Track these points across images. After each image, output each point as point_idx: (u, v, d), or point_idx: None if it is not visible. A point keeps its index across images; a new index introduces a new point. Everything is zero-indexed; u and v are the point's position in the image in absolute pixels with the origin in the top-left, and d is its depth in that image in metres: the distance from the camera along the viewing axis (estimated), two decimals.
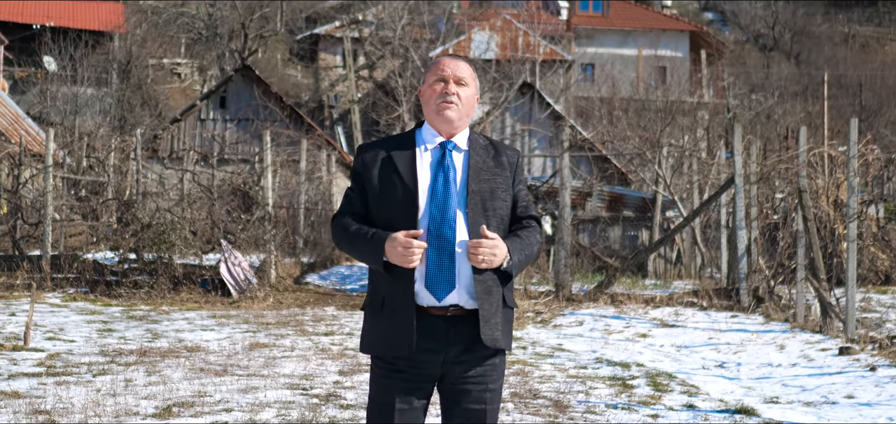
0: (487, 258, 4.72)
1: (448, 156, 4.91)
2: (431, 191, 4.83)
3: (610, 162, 29.42)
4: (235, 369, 11.18)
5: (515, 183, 5.03)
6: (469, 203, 4.83)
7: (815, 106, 49.50)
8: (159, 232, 18.95)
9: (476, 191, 4.86)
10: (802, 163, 16.85)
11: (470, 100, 5.01)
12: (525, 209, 5.06)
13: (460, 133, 4.99)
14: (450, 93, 4.92)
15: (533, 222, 5.07)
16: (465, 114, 4.98)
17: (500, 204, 4.92)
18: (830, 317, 15.67)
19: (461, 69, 4.99)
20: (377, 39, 40.67)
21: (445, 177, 4.85)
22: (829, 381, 11.76)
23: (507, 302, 4.93)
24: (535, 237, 5.02)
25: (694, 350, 14.23)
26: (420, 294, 4.79)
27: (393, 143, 5.00)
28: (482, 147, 5.02)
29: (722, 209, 22.04)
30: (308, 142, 27.49)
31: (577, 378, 11.44)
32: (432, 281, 4.76)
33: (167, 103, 48.80)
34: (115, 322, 14.99)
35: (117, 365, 11.15)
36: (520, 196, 5.04)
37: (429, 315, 4.79)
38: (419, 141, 4.98)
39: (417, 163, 4.89)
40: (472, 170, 4.89)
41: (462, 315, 4.81)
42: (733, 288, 18.77)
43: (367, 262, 4.89)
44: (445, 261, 4.77)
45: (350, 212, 4.99)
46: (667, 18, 61.64)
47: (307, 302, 18.46)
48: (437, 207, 4.80)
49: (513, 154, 5.09)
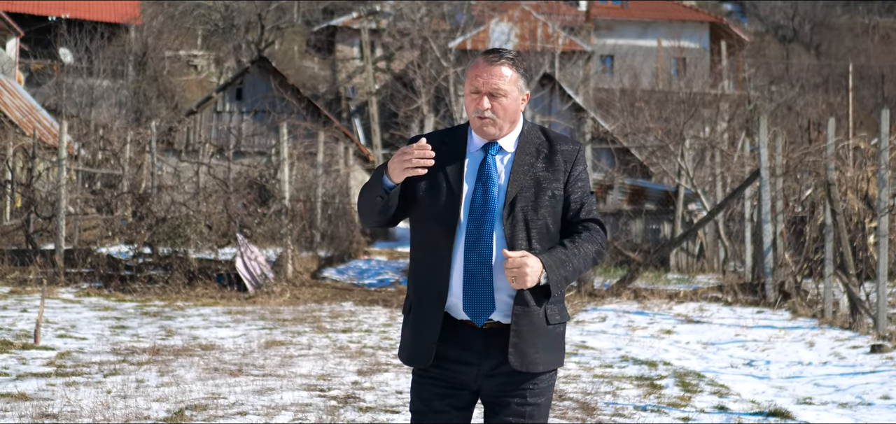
0: (517, 278, 4.28)
1: (490, 162, 4.48)
2: (470, 203, 4.42)
3: (631, 154, 29.04)
4: (251, 369, 10.84)
5: (570, 182, 4.52)
6: (507, 216, 4.41)
7: (836, 97, 49.05)
8: (174, 226, 18.65)
9: (516, 201, 4.42)
10: (831, 156, 16.47)
11: (511, 106, 4.50)
12: (578, 212, 4.54)
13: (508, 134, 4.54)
14: (483, 109, 4.45)
15: (592, 225, 4.55)
16: (506, 122, 4.50)
17: (545, 211, 4.45)
18: (860, 314, 15.30)
19: (496, 78, 4.47)
20: (395, 30, 40.32)
21: (485, 189, 4.43)
22: (863, 381, 11.39)
23: (550, 319, 4.48)
24: (589, 243, 4.51)
25: (721, 347, 13.86)
26: (455, 308, 4.43)
27: (445, 139, 4.56)
28: (534, 145, 4.53)
29: (746, 202, 21.68)
30: (325, 134, 27.17)
31: (604, 379, 11.09)
32: (470, 305, 4.40)
33: (183, 95, 48.62)
34: (129, 318, 14.69)
35: (129, 365, 10.83)
36: (573, 197, 4.53)
37: (463, 325, 4.45)
38: (469, 141, 4.55)
39: (465, 169, 4.48)
40: (513, 178, 4.44)
41: (499, 328, 4.43)
42: (759, 283, 18.43)
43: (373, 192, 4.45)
44: (483, 283, 4.39)
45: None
46: (687, 9, 61.18)
47: (324, 298, 18.14)
48: (473, 223, 4.41)
49: (570, 149, 4.57)
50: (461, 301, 4.40)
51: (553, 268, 4.37)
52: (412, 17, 35.22)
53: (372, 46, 46.16)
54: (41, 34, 49.56)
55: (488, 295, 4.39)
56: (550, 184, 4.48)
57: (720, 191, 25.28)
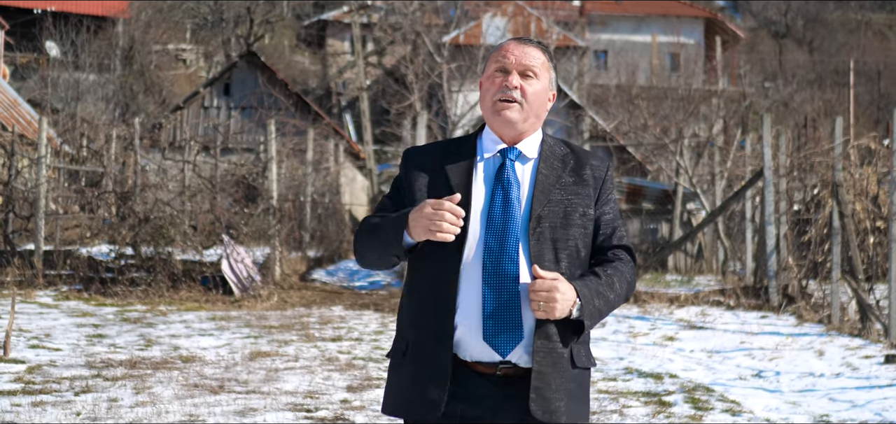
0: (545, 305, 3.57)
1: (509, 167, 3.76)
2: (487, 214, 3.69)
3: (629, 152, 28.51)
4: (233, 384, 10.18)
5: (599, 202, 3.84)
6: (532, 231, 3.68)
7: (832, 93, 48.69)
8: (158, 227, 17.97)
9: (543, 215, 3.71)
10: (839, 156, 15.91)
11: (540, 97, 3.81)
12: (610, 237, 3.87)
13: (529, 137, 3.83)
14: (510, 86, 3.75)
15: (623, 254, 3.88)
16: (532, 115, 3.80)
17: (576, 232, 3.76)
18: (870, 320, 14.75)
19: (530, 56, 3.80)
20: (387, 25, 39.69)
21: (505, 197, 3.70)
22: (881, 395, 10.80)
23: (577, 361, 3.76)
24: (623, 274, 3.83)
25: (727, 355, 13.28)
26: (463, 343, 3.66)
27: (447, 150, 3.86)
28: (558, 156, 3.84)
29: (747, 201, 21.17)
30: (315, 131, 26.54)
31: (609, 394, 10.47)
32: (492, 330, 3.62)
33: (171, 90, 47.99)
34: (108, 325, 14.01)
35: (103, 380, 10.15)
36: (603, 220, 3.86)
37: (473, 372, 3.67)
38: (479, 149, 3.83)
39: (473, 178, 3.76)
40: (539, 187, 3.73)
41: (516, 375, 3.68)
42: (761, 287, 17.90)
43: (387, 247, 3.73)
44: (509, 306, 3.63)
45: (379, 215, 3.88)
46: (681, 4, 60.72)
47: (313, 302, 17.51)
48: (494, 236, 3.66)
49: (600, 166, 3.89)
50: (476, 331, 3.64)
51: (588, 299, 3.67)
52: (404, 12, 34.59)
53: (363, 41, 45.53)
54: (26, 27, 48.84)
55: (516, 320, 3.64)
56: (582, 202, 3.80)
57: (719, 190, 24.80)
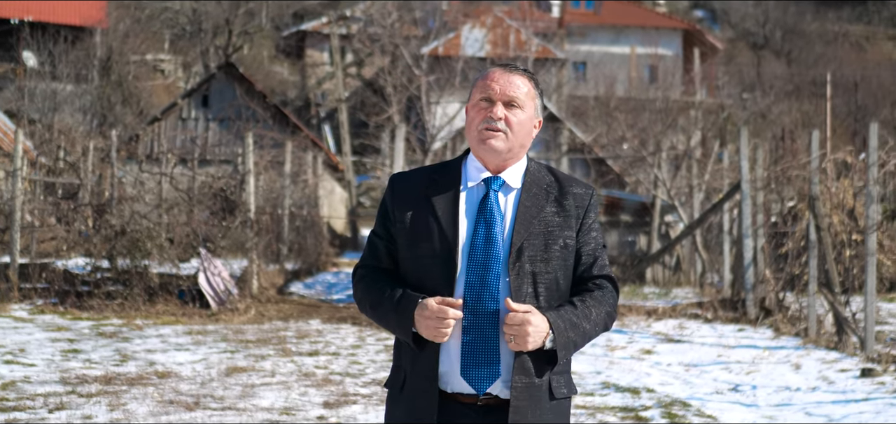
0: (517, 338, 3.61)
1: (493, 198, 3.78)
2: (469, 247, 3.71)
3: (607, 164, 28.54)
4: (209, 401, 10.12)
5: (582, 231, 3.86)
6: (512, 265, 3.70)
7: (809, 105, 48.85)
8: (134, 239, 17.85)
9: (523, 247, 3.73)
10: (815, 170, 15.95)
11: (525, 126, 3.86)
12: (591, 267, 3.88)
13: (513, 166, 3.86)
14: (495, 117, 3.78)
15: (604, 283, 3.89)
16: (517, 144, 3.83)
17: (556, 263, 3.77)
18: (846, 333, 14.78)
19: (514, 85, 3.83)
20: (365, 36, 39.67)
21: (488, 229, 3.72)
22: (856, 409, 10.83)
23: (555, 392, 3.78)
24: (602, 304, 3.84)
25: (704, 369, 13.29)
26: (446, 378, 3.71)
27: (432, 177, 3.88)
28: (541, 185, 3.87)
29: (724, 214, 21.21)
30: (293, 143, 26.47)
31: (585, 409, 10.46)
32: (469, 366, 3.67)
33: (150, 101, 47.82)
34: (83, 340, 13.92)
35: (78, 397, 10.08)
36: (585, 250, 3.87)
37: (454, 402, 3.72)
38: (464, 176, 3.85)
39: (460, 207, 3.78)
40: (520, 219, 3.75)
41: (497, 404, 3.72)
42: (739, 299, 17.93)
43: (394, 333, 3.81)
44: (486, 342, 3.67)
45: (374, 266, 3.92)
46: (659, 16, 60.93)
47: (290, 315, 17.44)
48: (475, 270, 3.69)
49: (583, 193, 3.92)
50: (456, 366, 3.70)
51: (562, 331, 3.69)
52: (383, 24, 34.58)
53: (342, 52, 45.50)
54: (4, 37, 48.61)
55: (494, 357, 3.68)
56: (562, 232, 3.81)
57: (697, 202, 24.85)
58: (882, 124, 53.47)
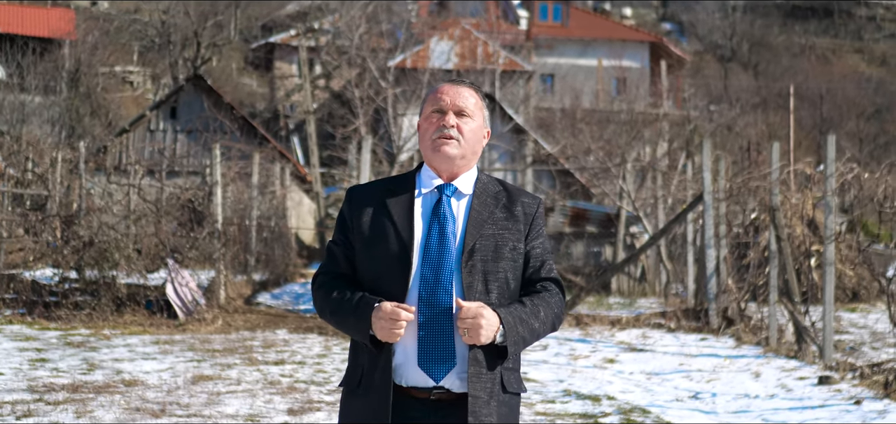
0: (470, 331, 3.83)
1: (445, 203, 4.02)
2: (424, 247, 3.95)
3: (573, 176, 28.75)
4: (175, 408, 10.26)
5: (530, 237, 4.10)
6: (465, 263, 3.94)
7: (775, 117, 49.24)
8: (102, 250, 17.93)
9: (475, 248, 3.96)
10: (775, 181, 16.21)
11: (475, 135, 4.10)
12: (539, 270, 4.12)
13: (464, 174, 4.10)
14: (447, 125, 4.03)
15: (551, 285, 4.12)
16: (469, 152, 4.08)
17: (506, 264, 4.01)
18: (805, 341, 15.03)
19: (463, 97, 4.09)
20: (333, 48, 39.80)
21: (441, 231, 3.96)
22: (813, 416, 11.07)
23: (507, 386, 4.01)
24: (550, 305, 4.07)
25: (665, 378, 13.51)
26: (404, 371, 3.92)
27: (388, 186, 4.12)
28: (491, 193, 4.11)
29: (688, 224, 21.44)
30: (261, 154, 26.57)
31: (546, 416, 10.65)
32: (426, 357, 3.89)
33: (118, 112, 47.70)
34: (51, 349, 14.01)
35: (45, 404, 10.19)
36: (533, 253, 4.11)
37: (408, 397, 3.93)
38: (418, 184, 4.09)
39: (415, 212, 4.02)
40: (472, 222, 4.00)
41: (449, 400, 3.94)
42: (702, 309, 18.16)
43: (352, 335, 4.02)
44: (442, 334, 3.89)
45: (333, 272, 4.12)
46: (627, 28, 61.27)
47: (257, 325, 17.55)
48: (430, 267, 3.92)
49: (531, 203, 4.15)
50: (412, 358, 3.91)
51: (512, 326, 3.91)
52: (350, 36, 34.73)
53: (310, 64, 45.59)
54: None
55: (449, 347, 3.90)
56: (512, 237, 4.05)
57: (662, 214, 25.09)
58: (847, 136, 54.12)
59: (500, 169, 30.23)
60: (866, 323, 18.46)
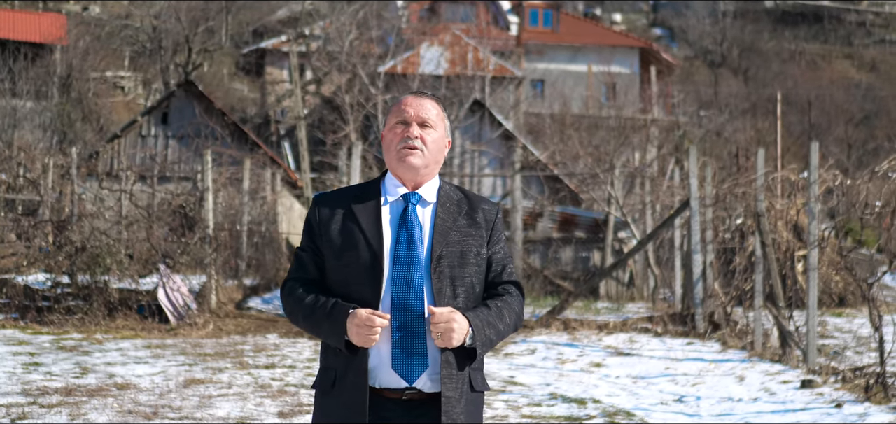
0: (443, 335, 4.04)
1: (412, 211, 4.22)
2: (394, 253, 4.15)
3: (562, 181, 28.94)
4: (167, 411, 10.43)
5: (491, 242, 4.32)
6: (434, 269, 4.14)
7: (764, 123, 49.46)
8: (94, 255, 18.09)
9: (443, 255, 4.17)
10: (761, 188, 16.41)
11: (437, 144, 4.30)
12: (500, 274, 4.35)
13: (428, 183, 4.30)
14: (412, 136, 4.22)
15: (512, 288, 4.36)
16: (432, 161, 4.28)
17: (471, 270, 4.23)
18: (790, 346, 15.22)
19: (426, 109, 4.29)
20: (324, 54, 39.94)
21: (410, 238, 4.16)
22: (795, 419, 11.27)
23: (475, 385, 4.25)
24: (512, 307, 4.30)
25: (651, 381, 13.69)
26: (378, 372, 4.12)
27: (354, 194, 4.31)
28: (454, 200, 4.32)
29: (676, 230, 21.62)
30: (252, 160, 26.73)
31: (531, 418, 10.83)
32: (400, 360, 4.09)
33: (110, 117, 47.80)
34: (44, 354, 14.17)
35: (39, 407, 10.37)
36: (495, 258, 4.33)
37: (382, 398, 4.13)
38: (383, 193, 4.28)
39: (383, 219, 4.21)
40: (438, 230, 4.20)
41: (420, 399, 4.14)
42: (689, 314, 18.34)
43: (326, 340, 4.19)
44: (415, 337, 4.10)
45: (302, 279, 4.30)
46: (617, 34, 61.44)
47: (248, 330, 17.72)
48: (401, 274, 4.12)
49: (491, 209, 4.36)
50: (386, 361, 4.11)
51: (480, 329, 4.13)
52: (341, 42, 34.89)
53: (301, 70, 45.74)
54: None
55: (422, 349, 4.10)
56: (476, 243, 4.26)
57: (650, 219, 25.27)
58: (836, 142, 54.40)
59: (490, 174, 30.41)
60: (851, 327, 18.64)
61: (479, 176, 30.61)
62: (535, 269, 24.07)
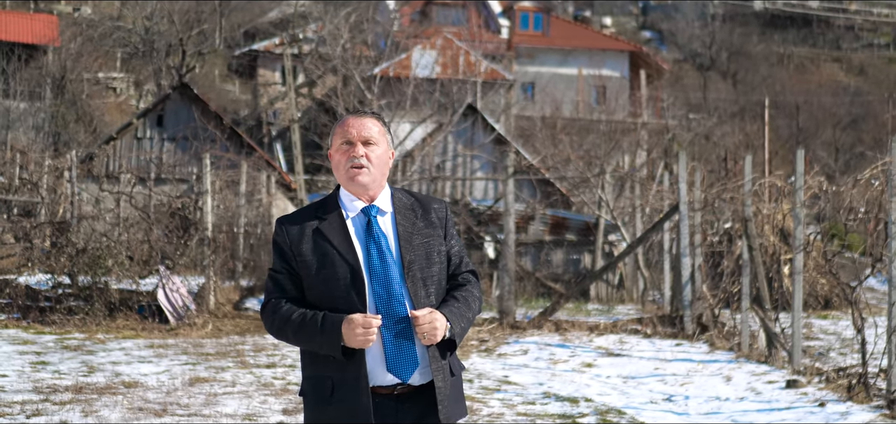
0: (428, 334, 4.51)
1: (374, 223, 4.62)
2: (368, 266, 4.55)
3: (553, 185, 29.32)
4: (175, 408, 10.82)
5: (447, 237, 4.79)
6: (407, 274, 4.58)
7: (753, 126, 49.83)
8: (95, 257, 18.43)
9: (412, 260, 4.61)
10: (748, 193, 16.79)
11: (382, 159, 4.70)
12: (459, 265, 4.82)
13: (380, 194, 4.71)
14: (357, 155, 4.62)
15: (470, 277, 4.82)
16: (378, 175, 4.68)
17: (436, 268, 4.69)
18: (776, 347, 15.60)
19: (367, 128, 4.68)
20: (317, 57, 40.26)
21: (379, 249, 4.58)
22: (779, 418, 11.66)
23: (454, 370, 4.73)
24: (474, 294, 4.78)
25: (641, 381, 14.07)
26: (370, 374, 4.55)
27: (317, 212, 4.68)
28: (407, 207, 4.74)
29: (665, 233, 21.99)
30: (248, 163, 27.08)
31: (527, 416, 11.22)
32: (394, 362, 4.54)
33: (102, 119, 48.04)
34: (49, 353, 14.53)
35: (52, 404, 10.74)
36: (453, 252, 4.80)
37: (376, 395, 4.56)
38: (343, 208, 4.68)
39: (351, 234, 4.61)
40: (402, 238, 4.63)
41: (409, 392, 4.60)
42: (677, 315, 18.70)
43: (320, 350, 4.56)
44: (404, 340, 4.55)
45: (283, 298, 4.65)
46: (607, 38, 61.82)
47: (247, 330, 18.08)
48: (379, 284, 4.54)
49: (441, 207, 4.82)
50: (380, 364, 4.53)
51: (456, 322, 4.61)
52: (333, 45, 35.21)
53: (294, 72, 46.02)
54: None
55: (412, 350, 4.55)
56: (436, 243, 4.71)
57: (639, 223, 25.64)
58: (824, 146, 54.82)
59: (482, 178, 30.78)
60: (836, 329, 19.04)
61: (471, 179, 30.97)
62: (527, 271, 24.45)
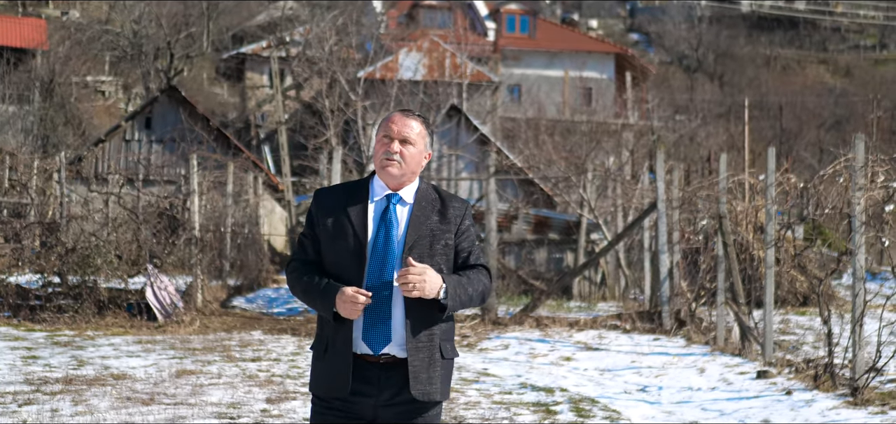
0: (418, 285, 4.88)
1: (392, 209, 5.10)
2: (372, 245, 5.04)
3: (536, 184, 29.70)
4: (162, 397, 11.20)
5: (458, 234, 5.18)
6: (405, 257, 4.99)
7: (736, 128, 50.23)
8: (84, 256, 18.78)
9: (414, 244, 5.04)
10: (723, 190, 17.17)
11: (415, 158, 5.16)
12: (468, 258, 5.21)
13: (407, 186, 5.16)
14: (392, 151, 5.09)
15: (480, 268, 5.22)
16: (409, 171, 5.14)
17: (439, 258, 5.08)
18: (749, 340, 16.00)
19: (408, 128, 5.15)
20: (304, 60, 40.59)
21: (387, 232, 5.05)
22: (747, 405, 12.06)
23: (445, 353, 5.12)
24: (480, 279, 5.17)
25: (617, 373, 14.46)
26: (357, 342, 5.00)
27: (348, 191, 5.18)
28: (429, 200, 5.18)
29: (645, 232, 22.36)
30: (235, 164, 27.44)
31: (502, 405, 11.61)
32: (369, 334, 4.98)
33: (91, 122, 48.27)
34: (40, 348, 14.89)
35: (43, 395, 11.11)
36: (462, 247, 5.19)
37: (363, 362, 5.02)
38: (372, 192, 5.16)
39: (368, 215, 5.08)
40: (411, 225, 5.07)
41: (394, 363, 5.02)
42: (656, 311, 19.06)
43: (320, 311, 5.09)
44: (382, 316, 4.98)
45: (303, 260, 5.19)
46: (593, 40, 62.23)
47: (233, 327, 18.44)
48: (376, 262, 5.02)
49: (460, 205, 5.24)
50: (361, 333, 5.00)
51: (452, 286, 5.03)
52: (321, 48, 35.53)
53: (281, 75, 46.33)
54: None
55: (387, 327, 4.98)
56: (444, 235, 5.13)
57: (621, 221, 26.02)
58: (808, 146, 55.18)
59: (466, 178, 31.15)
60: (812, 325, 19.42)
61: (455, 179, 31.35)
62: (510, 269, 24.82)
